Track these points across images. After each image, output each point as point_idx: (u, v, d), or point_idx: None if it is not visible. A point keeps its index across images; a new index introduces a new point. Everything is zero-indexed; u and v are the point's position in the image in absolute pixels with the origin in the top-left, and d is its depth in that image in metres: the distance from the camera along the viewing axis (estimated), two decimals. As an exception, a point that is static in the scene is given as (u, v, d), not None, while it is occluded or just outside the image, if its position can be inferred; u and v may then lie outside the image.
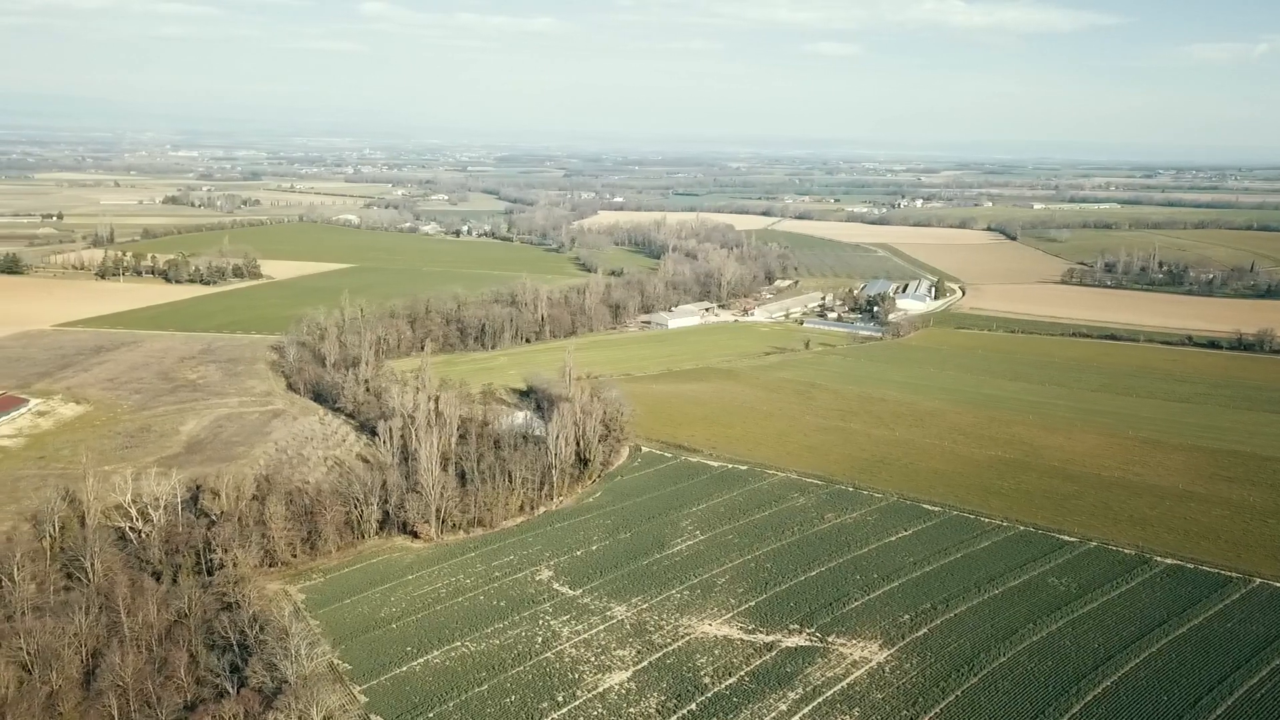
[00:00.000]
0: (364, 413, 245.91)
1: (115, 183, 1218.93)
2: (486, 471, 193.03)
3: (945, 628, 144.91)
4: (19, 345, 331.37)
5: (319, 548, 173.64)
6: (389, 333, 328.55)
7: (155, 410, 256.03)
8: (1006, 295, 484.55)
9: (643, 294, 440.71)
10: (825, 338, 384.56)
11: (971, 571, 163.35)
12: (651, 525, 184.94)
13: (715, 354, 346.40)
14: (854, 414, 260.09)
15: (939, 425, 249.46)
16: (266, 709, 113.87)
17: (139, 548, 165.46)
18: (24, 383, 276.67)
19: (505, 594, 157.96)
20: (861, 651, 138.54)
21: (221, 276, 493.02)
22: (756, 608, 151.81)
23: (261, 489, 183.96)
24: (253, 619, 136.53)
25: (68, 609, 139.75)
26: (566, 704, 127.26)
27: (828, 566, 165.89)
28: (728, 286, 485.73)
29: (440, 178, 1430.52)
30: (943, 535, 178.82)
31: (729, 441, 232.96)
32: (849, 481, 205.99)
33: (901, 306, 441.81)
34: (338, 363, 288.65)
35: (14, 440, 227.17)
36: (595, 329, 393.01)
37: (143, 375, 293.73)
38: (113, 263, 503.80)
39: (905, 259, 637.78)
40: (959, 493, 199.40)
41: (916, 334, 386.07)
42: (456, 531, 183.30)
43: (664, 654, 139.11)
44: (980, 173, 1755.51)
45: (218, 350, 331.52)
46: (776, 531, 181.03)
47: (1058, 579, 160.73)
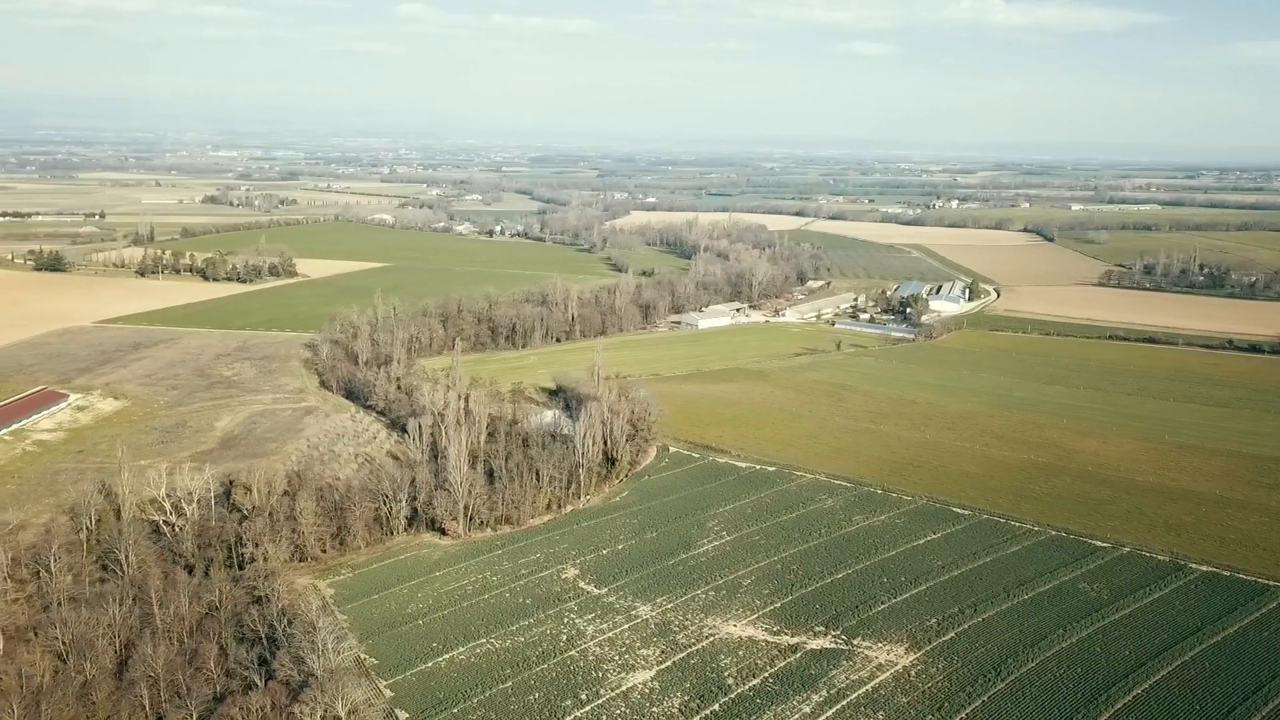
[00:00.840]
0: (395, 410, 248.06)
1: (156, 182, 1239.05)
2: (514, 470, 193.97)
3: (973, 632, 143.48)
4: (60, 341, 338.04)
5: (348, 543, 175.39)
6: (421, 331, 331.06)
7: (191, 406, 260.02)
8: (1042, 297, 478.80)
9: (673, 294, 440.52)
10: (857, 339, 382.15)
11: (1001, 576, 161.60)
12: (678, 525, 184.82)
13: (745, 354, 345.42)
14: (885, 416, 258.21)
15: (971, 428, 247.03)
16: (293, 701, 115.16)
17: (173, 541, 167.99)
18: (64, 378, 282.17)
19: (531, 591, 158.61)
20: (887, 655, 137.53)
21: (258, 275, 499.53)
22: (782, 609, 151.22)
23: (293, 484, 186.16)
24: (281, 613, 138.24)
25: (102, 600, 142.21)
26: (589, 702, 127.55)
27: (855, 569, 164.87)
28: (759, 287, 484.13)
29: (474, 178, 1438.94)
30: (972, 539, 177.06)
31: (757, 442, 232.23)
32: (878, 484, 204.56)
33: (935, 308, 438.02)
34: (370, 361, 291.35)
35: (54, 434, 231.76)
36: (625, 329, 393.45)
37: (179, 372, 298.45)
38: (152, 261, 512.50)
39: (939, 260, 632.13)
40: (990, 496, 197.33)
41: (949, 336, 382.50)
42: (484, 529, 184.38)
43: (688, 654, 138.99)
44: (1018, 173, 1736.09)
45: (253, 347, 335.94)
46: (804, 533, 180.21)
47: (1089, 585, 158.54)
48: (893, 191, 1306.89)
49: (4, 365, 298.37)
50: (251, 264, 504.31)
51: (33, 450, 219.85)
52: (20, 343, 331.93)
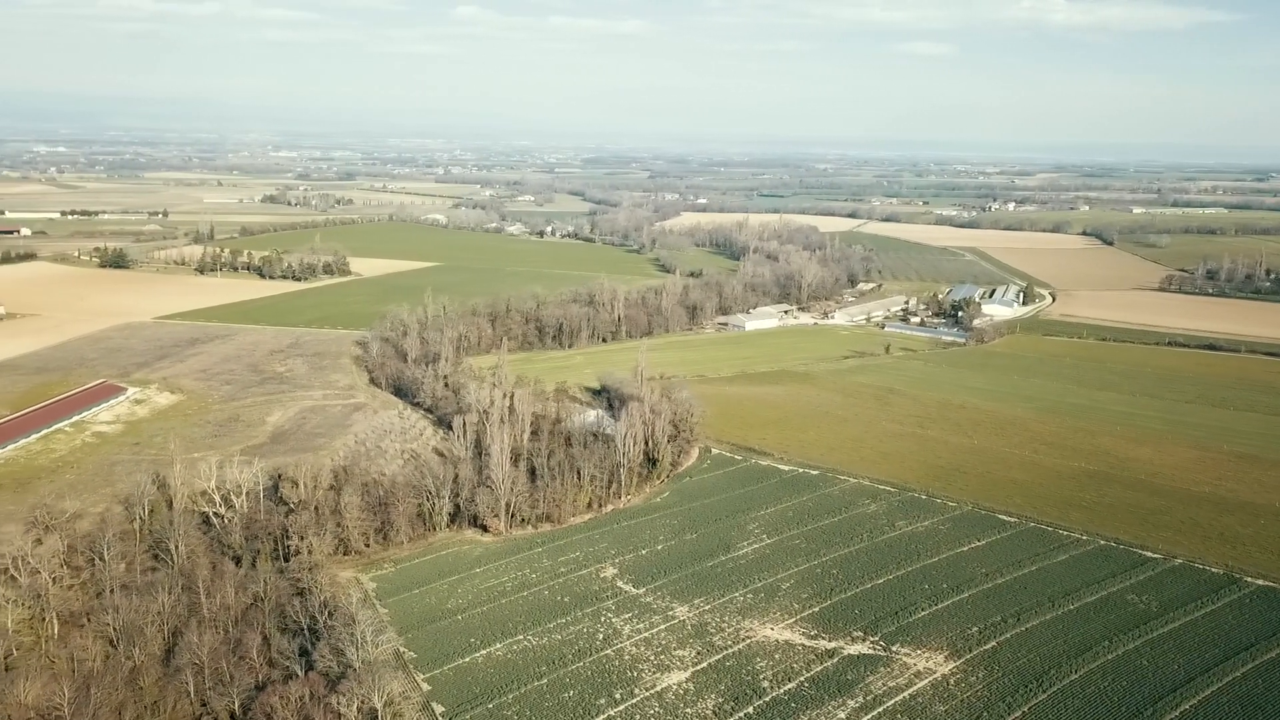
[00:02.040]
0: (442, 408, 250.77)
1: (218, 182, 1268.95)
2: (556, 468, 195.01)
3: (1015, 641, 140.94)
4: (121, 336, 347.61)
5: (391, 538, 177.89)
6: (470, 330, 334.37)
7: (244, 401, 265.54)
8: (1099, 302, 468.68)
9: (720, 295, 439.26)
10: (907, 342, 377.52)
11: (1046, 585, 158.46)
12: (718, 527, 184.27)
13: (792, 357, 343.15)
14: (932, 421, 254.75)
15: (1020, 434, 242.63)
16: (331, 692, 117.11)
17: (221, 532, 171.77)
18: (124, 372, 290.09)
19: (569, 590, 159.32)
20: (926, 662, 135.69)
21: (312, 273, 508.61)
22: (820, 613, 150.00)
23: (339, 479, 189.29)
24: (323, 605, 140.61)
25: (152, 589, 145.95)
26: (624, 701, 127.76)
27: (896, 575, 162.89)
28: (808, 289, 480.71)
29: (527, 179, 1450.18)
30: (1018, 547, 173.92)
31: (801, 446, 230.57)
32: (923, 489, 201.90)
33: (987, 312, 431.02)
34: (419, 359, 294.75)
35: (112, 426, 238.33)
36: (671, 330, 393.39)
37: (234, 367, 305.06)
38: (211, 259, 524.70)
39: (994, 263, 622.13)
40: (1038, 504, 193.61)
41: (1001, 340, 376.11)
42: (525, 526, 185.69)
43: (724, 656, 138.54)
44: (1078, 175, 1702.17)
45: (305, 344, 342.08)
46: (845, 538, 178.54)
47: (1138, 596, 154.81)
48: (948, 194, 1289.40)
49: (67, 359, 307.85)
50: (306, 262, 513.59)
51: (92, 441, 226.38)
52: (83, 337, 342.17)
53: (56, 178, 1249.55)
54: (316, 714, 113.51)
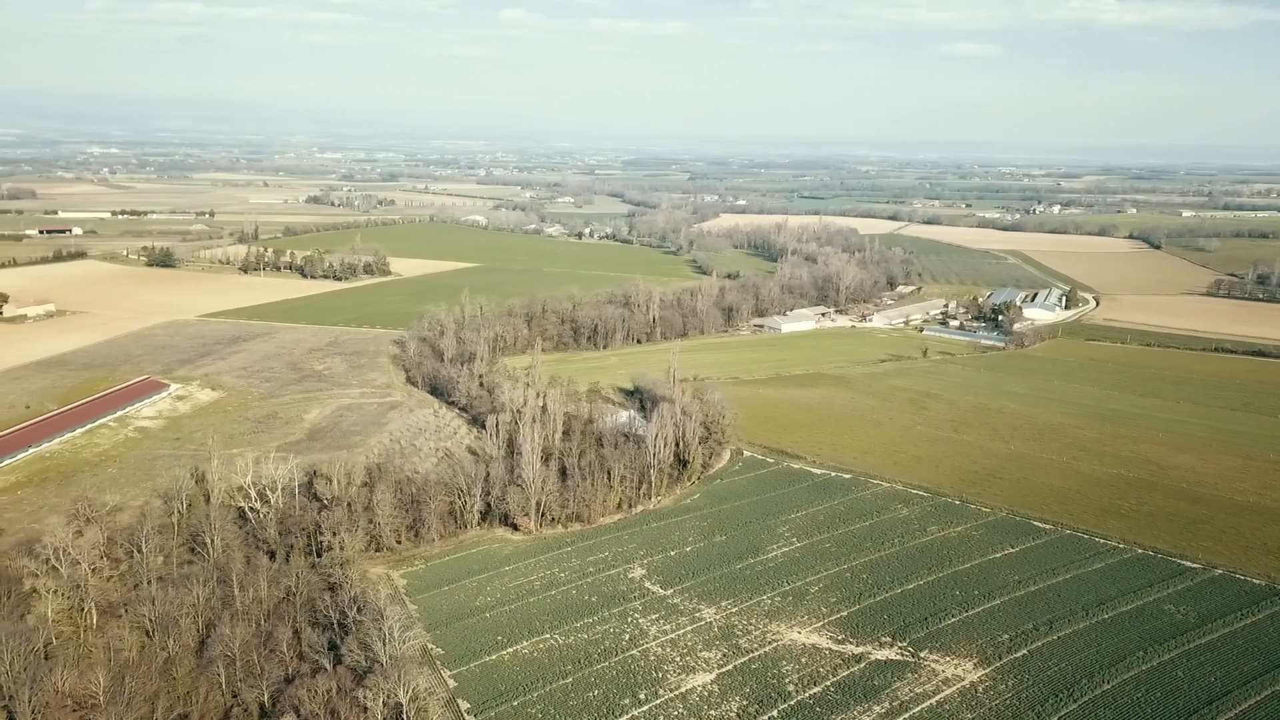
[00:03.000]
0: (476, 407, 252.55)
1: (264, 183, 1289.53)
2: (587, 468, 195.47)
3: (1047, 650, 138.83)
4: (166, 334, 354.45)
5: (423, 535, 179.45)
6: (506, 330, 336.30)
7: (283, 398, 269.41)
8: (1144, 306, 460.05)
9: (757, 297, 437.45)
10: (945, 346, 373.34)
11: (1081, 593, 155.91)
12: (748, 530, 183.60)
13: (827, 360, 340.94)
14: (968, 425, 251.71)
15: (1059, 440, 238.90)
16: (357, 686, 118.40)
17: (257, 527, 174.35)
18: (167, 369, 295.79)
19: (597, 589, 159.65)
20: (955, 669, 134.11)
21: (353, 273, 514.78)
22: (848, 618, 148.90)
23: (372, 476, 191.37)
24: (352, 600, 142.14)
25: (188, 581, 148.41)
26: (648, 702, 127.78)
27: (926, 580, 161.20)
28: (846, 291, 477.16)
29: (567, 180, 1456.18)
30: (1052, 554, 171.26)
31: (834, 449, 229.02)
32: (957, 494, 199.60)
33: (1028, 315, 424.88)
34: (455, 358, 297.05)
35: (154, 422, 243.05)
36: (706, 331, 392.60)
37: (274, 365, 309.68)
38: (254, 258, 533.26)
39: (1037, 267, 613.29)
40: (1074, 511, 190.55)
41: (1042, 345, 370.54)
42: (555, 525, 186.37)
43: (750, 659, 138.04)
44: (1126, 178, 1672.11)
45: (344, 343, 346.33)
46: (876, 542, 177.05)
47: (1175, 607, 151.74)
48: (991, 196, 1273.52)
49: (113, 355, 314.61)
50: (347, 262, 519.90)
51: (134, 436, 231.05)
52: (129, 334, 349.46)
53: (108, 178, 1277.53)
54: (343, 707, 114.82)
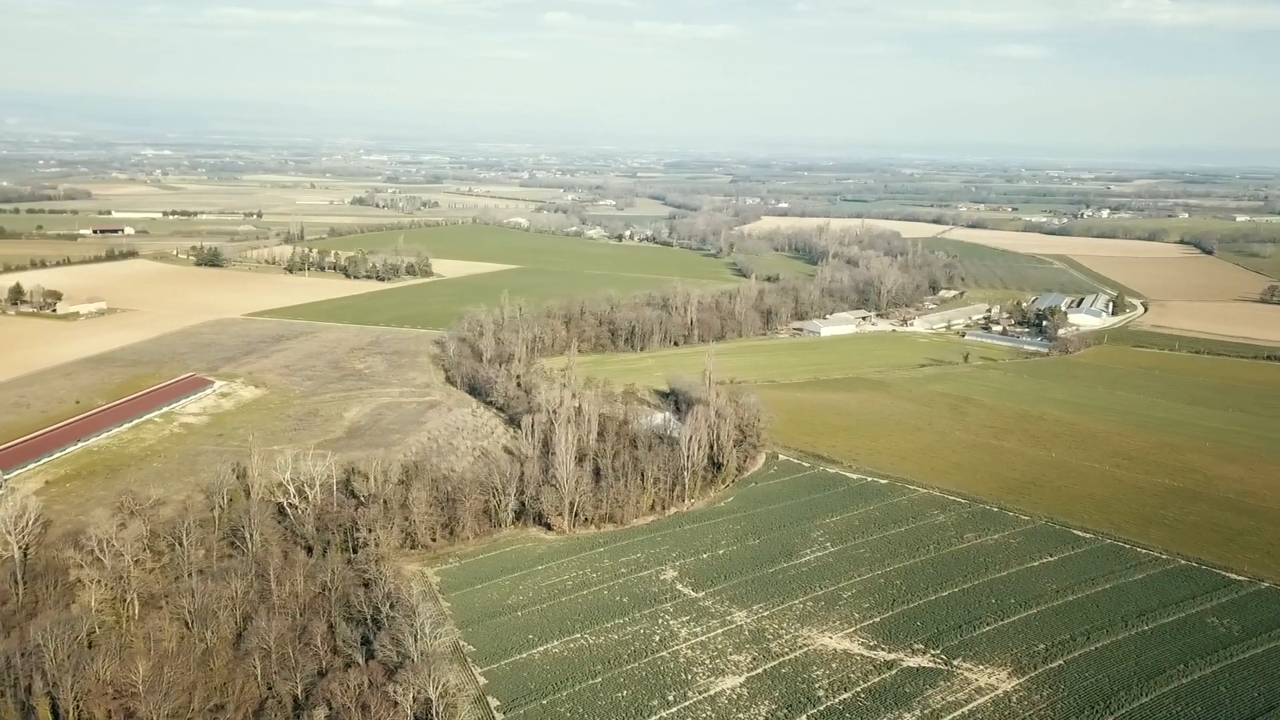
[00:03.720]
0: (513, 407, 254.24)
1: (311, 184, 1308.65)
2: (621, 469, 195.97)
3: (1083, 661, 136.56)
4: (212, 332, 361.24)
5: (457, 533, 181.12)
6: (544, 331, 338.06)
7: (323, 396, 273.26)
8: (1194, 313, 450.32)
9: (796, 300, 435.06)
10: (987, 351, 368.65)
11: (1120, 604, 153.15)
12: (781, 533, 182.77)
13: (867, 364, 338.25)
14: (1008, 432, 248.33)
15: (1101, 448, 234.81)
16: (388, 680, 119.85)
17: (295, 522, 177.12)
18: (212, 366, 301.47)
19: (629, 590, 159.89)
20: (988, 678, 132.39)
21: (395, 274, 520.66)
22: (881, 624, 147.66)
23: (408, 474, 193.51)
24: (386, 596, 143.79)
25: (227, 574, 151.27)
26: (676, 703, 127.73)
27: (961, 587, 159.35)
28: (887, 295, 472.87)
29: (610, 183, 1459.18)
30: (1092, 564, 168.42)
31: (871, 454, 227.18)
32: (995, 501, 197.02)
33: (1074, 321, 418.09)
34: (493, 358, 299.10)
35: (198, 418, 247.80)
36: (745, 334, 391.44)
37: (316, 363, 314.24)
38: (300, 258, 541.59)
39: (1083, 272, 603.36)
40: (1115, 520, 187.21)
41: (1087, 351, 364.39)
42: (588, 526, 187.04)
43: (780, 663, 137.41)
44: (1178, 181, 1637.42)
45: (385, 343, 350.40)
46: (911, 548, 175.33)
47: (1219, 619, 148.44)
48: (1038, 200, 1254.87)
49: (161, 352, 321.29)
50: (390, 263, 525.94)
51: (179, 432, 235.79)
52: (176, 332, 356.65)
53: (161, 179, 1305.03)
54: (373, 701, 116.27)
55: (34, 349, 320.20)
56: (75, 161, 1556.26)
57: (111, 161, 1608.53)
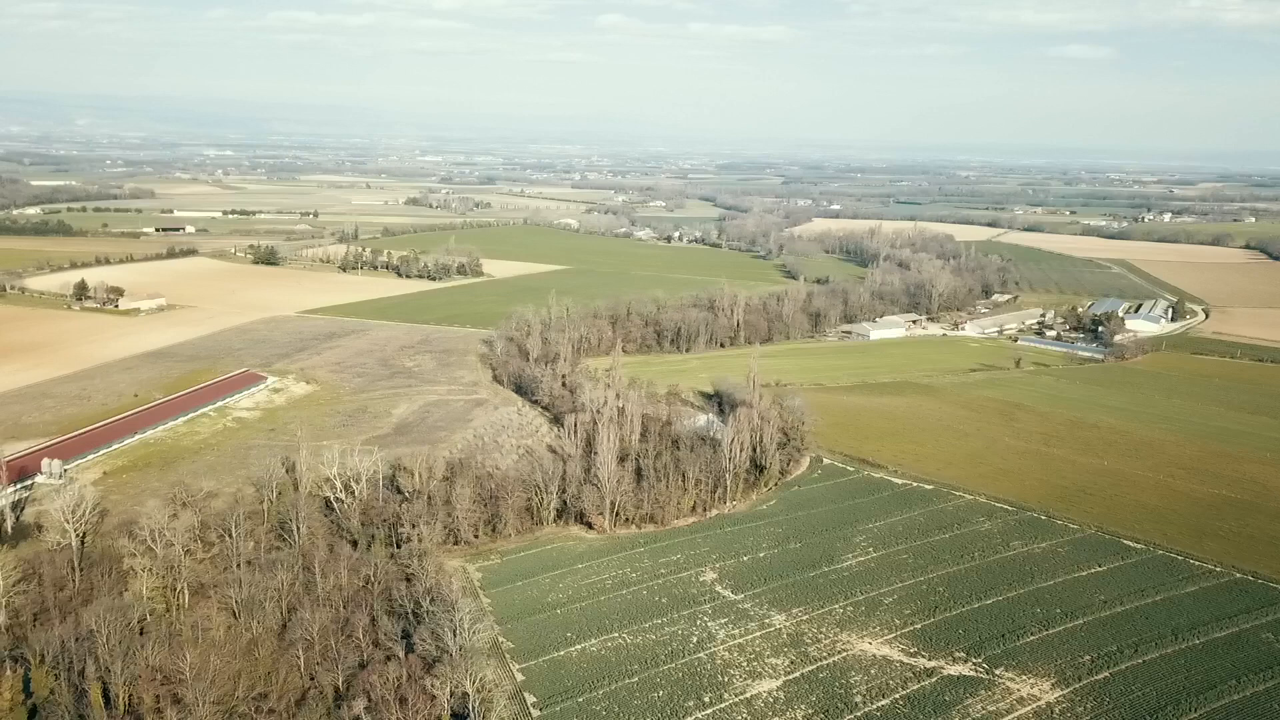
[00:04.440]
0: (558, 406, 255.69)
1: (367, 185, 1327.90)
2: (662, 470, 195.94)
3: (1131, 674, 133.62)
4: (266, 329, 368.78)
5: (500, 530, 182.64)
6: (590, 332, 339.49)
7: (372, 393, 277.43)
8: (1258, 320, 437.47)
9: (845, 303, 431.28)
10: (1040, 356, 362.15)
11: (1171, 617, 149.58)
12: (823, 538, 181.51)
13: (915, 368, 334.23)
14: (1059, 439, 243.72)
15: (1156, 457, 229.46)
16: (426, 674, 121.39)
17: (341, 516, 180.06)
18: (266, 362, 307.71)
19: (668, 591, 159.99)
20: (1030, 689, 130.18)
21: (446, 273, 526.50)
22: (922, 631, 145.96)
23: (452, 471, 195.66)
24: (426, 591, 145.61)
25: (274, 566, 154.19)
26: (712, 705, 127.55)
27: (1006, 596, 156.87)
28: (939, 299, 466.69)
29: (660, 184, 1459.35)
30: (1142, 575, 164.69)
31: (917, 459, 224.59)
32: (1043, 509, 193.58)
33: (1131, 327, 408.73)
34: (539, 358, 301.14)
35: (251, 413, 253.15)
36: (792, 336, 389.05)
37: (366, 361, 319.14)
38: (353, 257, 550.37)
39: (1143, 276, 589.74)
40: (1168, 531, 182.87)
41: (1145, 357, 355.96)
42: (629, 526, 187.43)
43: (818, 667, 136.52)
44: (1245, 185, 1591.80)
45: (434, 341, 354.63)
46: (955, 555, 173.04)
47: (1274, 635, 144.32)
48: (1097, 203, 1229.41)
49: (216, 348, 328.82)
50: (441, 263, 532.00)
51: (232, 426, 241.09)
52: (232, 328, 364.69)
53: (222, 179, 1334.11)
54: (411, 694, 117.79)
55: (96, 343, 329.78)
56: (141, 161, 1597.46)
57: (175, 161, 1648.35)
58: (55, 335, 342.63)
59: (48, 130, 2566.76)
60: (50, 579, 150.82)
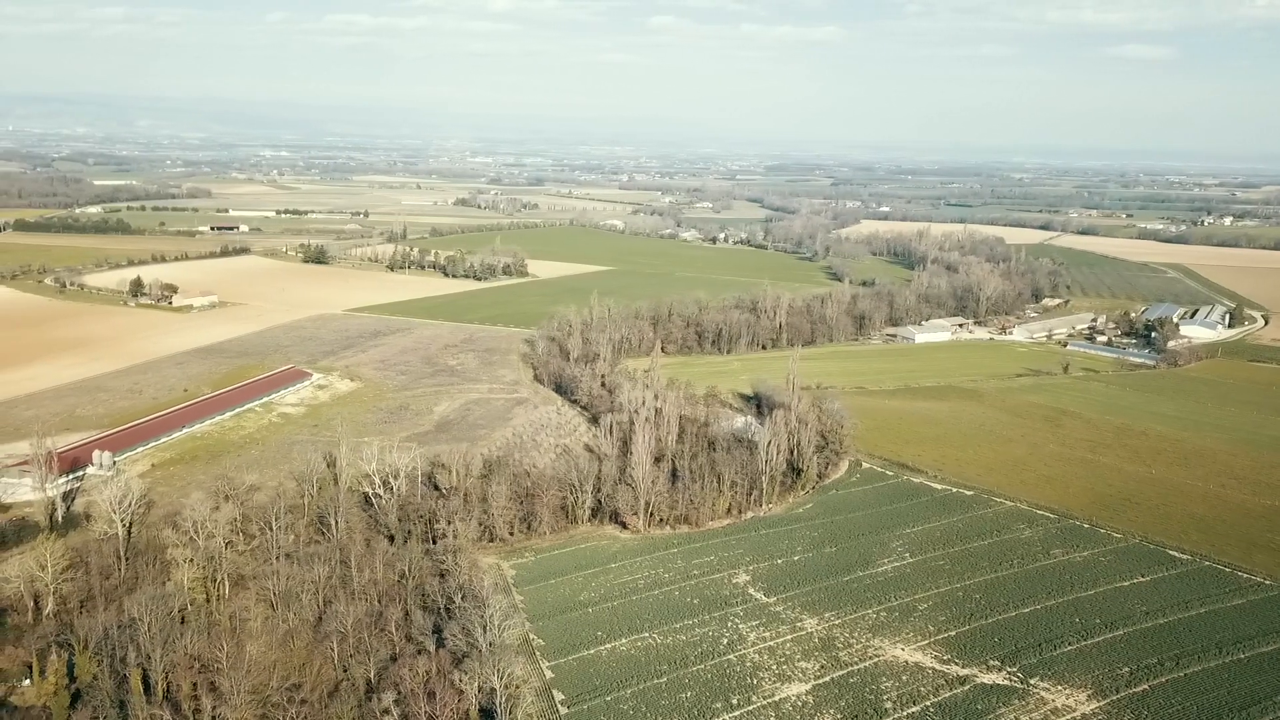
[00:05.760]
0: (596, 406, 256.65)
1: (417, 185, 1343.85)
2: (698, 471, 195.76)
3: (1171, 687, 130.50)
4: (314, 326, 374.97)
5: (534, 528, 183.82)
6: (631, 332, 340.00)
7: (415, 391, 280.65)
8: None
9: (891, 306, 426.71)
10: (1089, 362, 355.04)
11: (1215, 630, 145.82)
12: (859, 542, 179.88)
13: (960, 372, 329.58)
14: (1106, 446, 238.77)
15: (1206, 466, 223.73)
16: (454, 669, 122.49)
17: (379, 512, 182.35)
18: (312, 359, 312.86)
19: (700, 592, 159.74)
20: (1066, 699, 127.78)
21: (492, 273, 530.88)
22: (956, 638, 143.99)
23: (489, 468, 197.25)
24: (459, 587, 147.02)
25: (311, 559, 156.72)
26: (740, 707, 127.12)
27: (1044, 605, 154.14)
28: (987, 303, 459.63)
29: (708, 186, 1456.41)
30: (1187, 586, 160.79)
31: (958, 464, 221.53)
32: (1086, 518, 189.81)
33: (1185, 333, 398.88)
34: (579, 358, 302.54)
35: (296, 409, 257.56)
36: (836, 339, 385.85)
37: (410, 359, 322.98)
38: (401, 257, 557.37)
39: (1200, 281, 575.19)
40: (1216, 542, 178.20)
41: (1199, 364, 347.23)
42: (663, 526, 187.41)
43: (848, 672, 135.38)
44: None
45: (478, 340, 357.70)
46: (993, 562, 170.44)
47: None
48: (1155, 206, 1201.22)
49: (265, 345, 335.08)
50: (486, 263, 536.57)
51: (277, 421, 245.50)
52: (281, 325, 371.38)
53: (277, 179, 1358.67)
54: (439, 688, 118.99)
55: (150, 339, 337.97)
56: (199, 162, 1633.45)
57: (232, 162, 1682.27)
58: (111, 331, 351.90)
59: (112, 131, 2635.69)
60: (97, 567, 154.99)
